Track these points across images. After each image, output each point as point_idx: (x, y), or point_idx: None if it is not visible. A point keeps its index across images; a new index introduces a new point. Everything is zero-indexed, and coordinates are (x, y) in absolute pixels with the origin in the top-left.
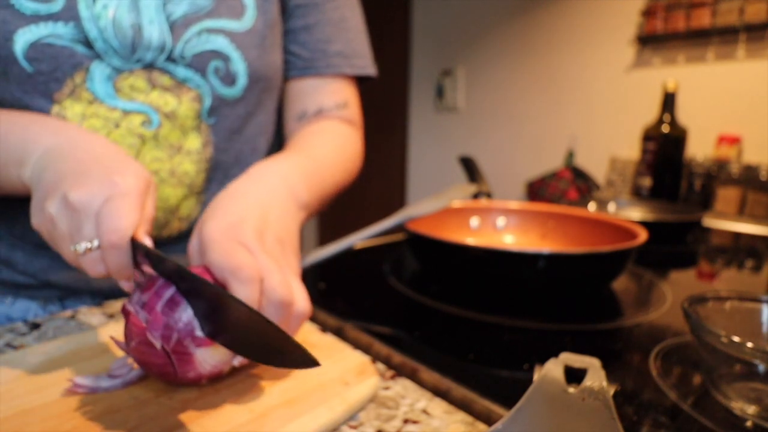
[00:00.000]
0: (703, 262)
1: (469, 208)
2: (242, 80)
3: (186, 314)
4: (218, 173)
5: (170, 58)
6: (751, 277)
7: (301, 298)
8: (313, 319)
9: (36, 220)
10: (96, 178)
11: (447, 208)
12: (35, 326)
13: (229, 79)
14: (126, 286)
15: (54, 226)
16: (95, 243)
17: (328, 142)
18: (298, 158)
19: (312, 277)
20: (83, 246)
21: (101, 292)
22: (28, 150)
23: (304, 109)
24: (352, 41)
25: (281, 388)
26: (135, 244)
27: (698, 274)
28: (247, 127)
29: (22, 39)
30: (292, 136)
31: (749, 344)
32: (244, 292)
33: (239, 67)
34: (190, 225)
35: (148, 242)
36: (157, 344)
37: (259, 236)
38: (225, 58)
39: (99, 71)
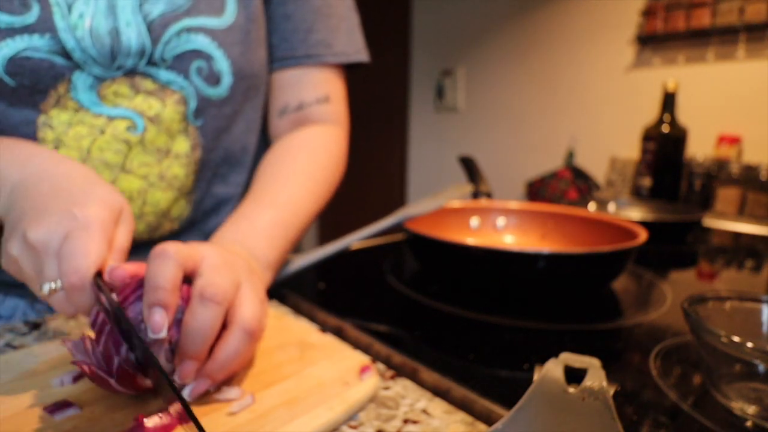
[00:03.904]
0: (703, 262)
1: (469, 208)
2: (227, 79)
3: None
4: (207, 172)
5: (151, 62)
6: (751, 277)
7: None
8: (313, 319)
9: (3, 262)
10: (54, 214)
11: (444, 207)
12: (35, 326)
13: (213, 78)
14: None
15: (19, 267)
16: (58, 284)
17: (300, 173)
18: (264, 213)
19: (312, 277)
20: (47, 287)
21: None
22: None
23: (286, 103)
24: (336, 28)
25: (281, 388)
26: (99, 283)
27: (698, 274)
28: (236, 126)
29: (0, 55)
30: (273, 141)
31: (749, 344)
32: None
33: (223, 65)
34: (181, 225)
35: (120, 272)
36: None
37: None
38: (207, 57)
39: (81, 81)
